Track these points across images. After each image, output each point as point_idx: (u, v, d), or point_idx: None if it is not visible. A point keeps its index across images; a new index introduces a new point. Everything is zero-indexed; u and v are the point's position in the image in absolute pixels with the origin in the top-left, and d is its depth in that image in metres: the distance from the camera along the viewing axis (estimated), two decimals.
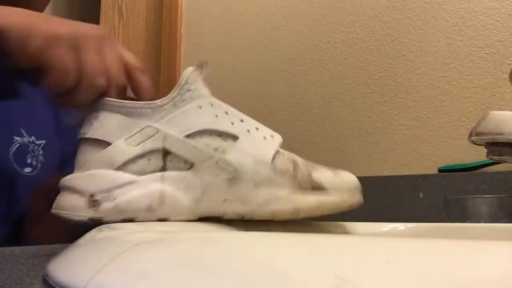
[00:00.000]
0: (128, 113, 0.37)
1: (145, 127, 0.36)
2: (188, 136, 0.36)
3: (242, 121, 0.39)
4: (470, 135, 0.47)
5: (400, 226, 0.42)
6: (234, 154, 0.36)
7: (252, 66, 1.23)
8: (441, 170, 0.97)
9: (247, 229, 0.37)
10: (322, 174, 0.39)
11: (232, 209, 0.37)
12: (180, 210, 0.36)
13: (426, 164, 1.00)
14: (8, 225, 0.58)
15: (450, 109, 1.00)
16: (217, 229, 0.37)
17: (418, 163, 1.01)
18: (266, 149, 0.38)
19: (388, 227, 0.42)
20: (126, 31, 1.49)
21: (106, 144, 0.36)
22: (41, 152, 0.65)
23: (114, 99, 0.38)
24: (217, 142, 0.36)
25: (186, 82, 0.39)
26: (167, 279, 0.17)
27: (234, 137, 0.37)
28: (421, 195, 0.95)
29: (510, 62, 0.96)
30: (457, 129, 0.99)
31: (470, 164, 0.93)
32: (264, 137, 0.39)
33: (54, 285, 0.21)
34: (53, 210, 0.36)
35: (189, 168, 0.36)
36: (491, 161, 0.67)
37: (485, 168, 0.91)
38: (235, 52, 1.25)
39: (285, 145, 0.42)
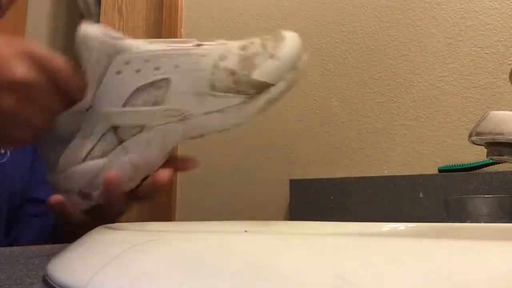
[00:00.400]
0: (69, 117, 0.38)
1: (87, 116, 0.37)
2: (124, 105, 0.37)
3: (165, 57, 0.37)
4: (470, 135, 0.47)
5: (400, 226, 0.42)
6: (172, 98, 0.37)
7: None
8: (441, 170, 0.97)
9: (247, 229, 0.37)
10: (263, 71, 0.38)
11: (194, 136, 0.39)
12: (155, 162, 0.39)
13: (426, 164, 1.00)
14: None
15: (450, 109, 1.00)
16: (217, 229, 0.38)
17: (418, 163, 1.01)
18: (198, 76, 0.37)
19: (388, 227, 0.42)
20: (126, 31, 1.49)
21: (66, 144, 0.38)
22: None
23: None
24: (152, 94, 0.37)
25: (89, 55, 0.37)
26: (166, 279, 0.17)
27: (166, 81, 0.37)
28: (421, 195, 0.95)
29: (510, 62, 0.96)
30: (457, 129, 0.99)
31: (470, 164, 0.93)
32: (196, 62, 0.38)
33: (54, 285, 0.21)
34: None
35: (141, 130, 0.38)
36: (491, 161, 0.67)
37: (485, 168, 0.91)
38: None
39: (285, 145, 0.42)
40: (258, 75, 0.38)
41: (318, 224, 0.43)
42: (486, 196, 0.59)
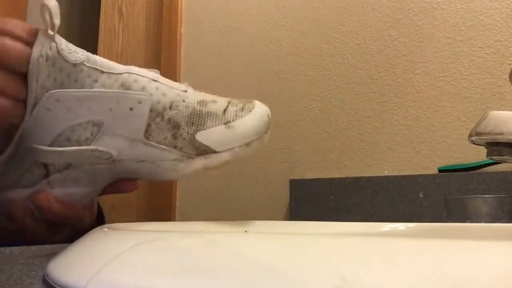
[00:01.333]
0: None
1: (18, 141, 0.35)
2: (52, 142, 0.35)
3: (98, 101, 0.34)
4: (470, 135, 0.47)
5: (400, 226, 0.42)
6: (104, 139, 0.35)
7: (252, 66, 1.23)
8: (441, 170, 0.97)
9: (247, 229, 0.37)
10: (209, 135, 0.35)
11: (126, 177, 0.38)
12: (81, 198, 0.37)
13: (426, 164, 1.00)
14: None
15: (450, 109, 1.00)
16: (217, 229, 0.38)
17: (418, 163, 1.01)
18: (135, 124, 0.35)
19: (388, 227, 0.42)
20: (126, 31, 1.49)
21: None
22: None
23: None
24: (84, 133, 0.35)
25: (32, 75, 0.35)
26: (166, 279, 0.17)
27: (99, 123, 0.35)
28: (421, 195, 0.95)
29: (510, 62, 0.96)
30: (457, 129, 0.99)
31: (470, 164, 0.93)
32: (131, 108, 0.35)
33: (54, 285, 0.21)
34: None
35: (68, 167, 0.36)
36: (491, 161, 0.67)
37: (485, 168, 0.91)
38: (235, 52, 1.25)
39: (285, 146, 0.41)
40: (202, 137, 0.36)
41: (318, 224, 0.43)
42: (486, 196, 0.59)
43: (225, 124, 0.36)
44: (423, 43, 1.04)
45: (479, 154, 0.92)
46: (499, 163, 0.80)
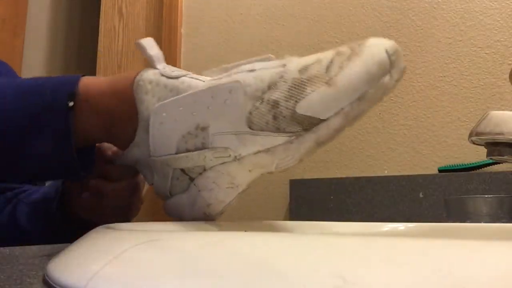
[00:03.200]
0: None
1: (150, 162, 0.39)
2: (176, 151, 0.37)
3: (196, 102, 0.35)
4: (470, 135, 0.47)
5: (400, 226, 0.42)
6: (216, 139, 0.35)
7: None
8: (441, 170, 0.97)
9: (247, 229, 0.37)
10: (309, 102, 0.30)
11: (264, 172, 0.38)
12: (226, 199, 0.39)
13: (426, 164, 1.00)
14: None
15: (450, 109, 1.00)
16: (217, 229, 0.38)
17: (418, 163, 1.01)
18: (234, 115, 0.33)
19: (388, 227, 0.42)
20: (126, 31, 1.49)
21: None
22: None
23: None
24: (198, 138, 0.36)
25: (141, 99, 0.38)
26: (166, 279, 0.17)
27: (205, 126, 0.35)
28: (421, 195, 0.95)
29: (510, 62, 0.96)
30: (457, 129, 0.99)
31: (470, 164, 0.93)
32: (225, 100, 0.34)
33: (54, 285, 0.21)
34: None
35: (205, 169, 0.37)
36: (491, 161, 0.67)
37: (485, 168, 0.91)
38: (235, 52, 1.25)
39: None
40: (302, 108, 0.30)
41: (318, 224, 0.43)
42: (486, 196, 0.59)
43: (326, 82, 0.30)
44: (423, 43, 1.04)
45: (479, 154, 0.92)
46: (499, 163, 0.80)
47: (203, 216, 0.39)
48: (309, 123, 0.31)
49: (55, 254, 0.26)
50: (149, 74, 0.38)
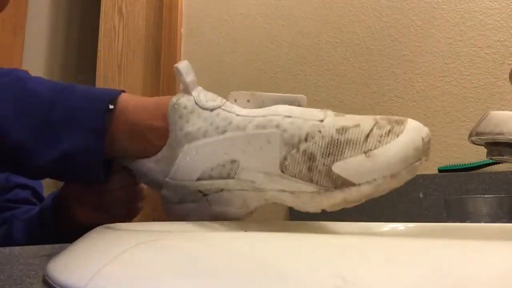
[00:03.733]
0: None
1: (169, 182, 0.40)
2: (199, 178, 0.38)
3: (233, 145, 0.37)
4: (470, 135, 0.47)
5: (400, 226, 0.42)
6: (244, 173, 0.37)
7: (252, 66, 1.23)
8: (441, 170, 0.97)
9: (247, 229, 0.37)
10: (347, 166, 0.32)
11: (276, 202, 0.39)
12: (234, 217, 0.40)
13: (426, 164, 1.00)
14: None
15: (450, 109, 1.00)
16: (217, 229, 0.38)
17: None
18: (269, 159, 0.35)
19: (388, 227, 0.42)
20: (126, 31, 1.49)
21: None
22: None
23: None
24: (225, 169, 0.37)
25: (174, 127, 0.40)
26: (166, 279, 0.17)
27: (236, 161, 0.37)
28: (421, 195, 0.95)
29: (510, 62, 0.96)
30: (457, 129, 0.99)
31: (470, 164, 0.93)
32: (261, 147, 0.35)
33: (54, 285, 0.21)
34: None
35: (222, 190, 0.38)
36: (491, 161, 0.67)
37: (485, 168, 0.91)
38: (235, 52, 1.25)
39: None
40: (339, 168, 0.32)
41: (318, 224, 0.43)
42: (486, 196, 0.59)
43: (365, 152, 0.32)
44: (423, 43, 1.04)
45: (479, 154, 0.92)
46: (499, 163, 0.80)
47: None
48: (341, 183, 0.33)
49: (55, 254, 0.26)
50: (184, 100, 0.40)
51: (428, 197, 0.94)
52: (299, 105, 0.38)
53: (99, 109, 0.41)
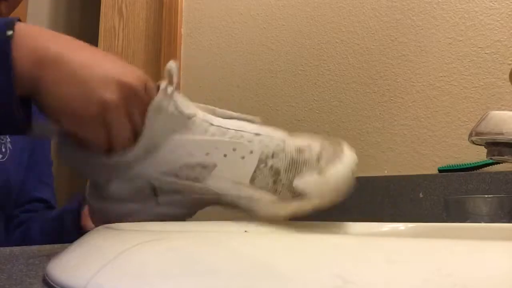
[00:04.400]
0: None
1: (132, 164, 0.39)
2: (167, 173, 0.39)
3: (216, 148, 0.39)
4: (470, 135, 0.47)
5: (400, 226, 0.42)
6: (213, 180, 0.39)
7: (252, 66, 1.23)
8: (441, 170, 0.97)
9: (247, 229, 0.37)
10: (305, 181, 0.39)
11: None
12: (179, 218, 0.41)
13: (426, 164, 1.00)
14: None
15: (450, 109, 1.00)
16: (217, 229, 0.38)
17: (418, 163, 1.01)
18: (244, 170, 0.39)
19: (388, 227, 0.42)
20: (126, 31, 1.49)
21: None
22: (9, 139, 0.67)
23: None
24: (196, 172, 0.39)
25: (155, 120, 0.39)
26: (166, 279, 0.17)
27: (213, 165, 0.39)
28: (421, 195, 0.95)
29: (510, 62, 0.96)
30: (457, 129, 0.99)
31: (470, 164, 0.93)
32: (243, 157, 0.39)
33: (54, 285, 0.21)
34: None
35: (176, 193, 0.40)
36: (491, 161, 0.67)
37: (485, 168, 0.91)
38: (235, 52, 1.25)
39: None
40: (299, 183, 0.38)
41: (318, 224, 0.43)
42: (486, 196, 0.59)
43: (319, 172, 0.38)
44: (423, 43, 1.04)
45: (479, 154, 0.92)
46: (499, 163, 0.80)
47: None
48: (298, 194, 0.39)
49: (55, 254, 0.26)
50: (165, 101, 0.39)
51: (428, 197, 0.94)
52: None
53: None
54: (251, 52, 1.24)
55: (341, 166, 0.39)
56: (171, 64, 0.41)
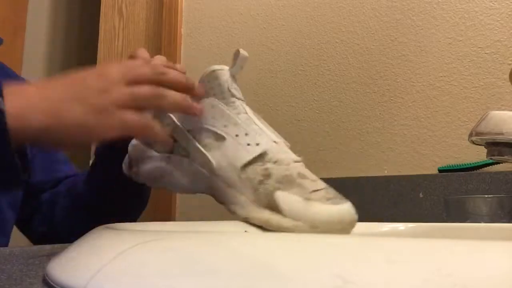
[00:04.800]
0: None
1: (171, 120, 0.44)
2: (189, 131, 0.42)
3: (236, 124, 0.41)
4: (470, 135, 0.47)
5: (400, 226, 0.42)
6: (216, 153, 0.40)
7: (252, 66, 1.23)
8: (441, 170, 0.97)
9: (247, 229, 0.37)
10: (287, 198, 0.37)
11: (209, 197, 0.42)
12: (176, 186, 0.43)
13: (426, 164, 1.00)
14: None
15: (450, 109, 1.00)
16: (217, 229, 0.38)
17: (418, 163, 1.01)
18: (242, 156, 0.39)
19: (388, 227, 0.42)
20: (126, 31, 1.49)
21: None
22: None
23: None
24: (208, 139, 0.41)
25: (207, 80, 0.44)
26: (166, 278, 0.17)
27: (223, 138, 0.40)
28: (421, 195, 0.95)
29: (510, 62, 0.96)
30: (457, 129, 0.99)
31: (470, 164, 0.93)
32: (248, 144, 0.40)
33: (54, 285, 0.21)
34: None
35: (187, 156, 0.42)
36: (491, 161, 0.67)
37: (485, 168, 0.91)
38: None
39: None
40: (280, 195, 0.38)
41: None
42: (486, 196, 0.59)
43: (307, 199, 0.37)
44: (423, 43, 1.04)
45: (479, 154, 0.92)
46: (499, 163, 0.80)
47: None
48: (273, 207, 0.38)
49: (55, 254, 0.26)
50: (224, 75, 0.46)
51: (428, 197, 0.94)
52: None
53: None
54: (251, 52, 1.24)
55: (332, 207, 0.37)
56: (243, 52, 0.46)
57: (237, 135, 0.40)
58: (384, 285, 0.14)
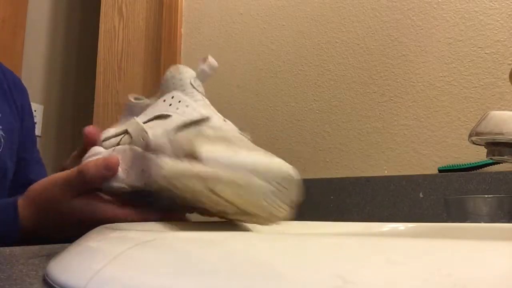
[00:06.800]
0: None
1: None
2: (145, 122, 0.41)
3: (188, 106, 0.40)
4: (470, 135, 0.47)
5: (400, 226, 0.42)
6: (157, 129, 0.39)
7: (252, 66, 1.23)
8: (441, 170, 0.97)
9: (247, 230, 0.37)
10: (211, 147, 0.32)
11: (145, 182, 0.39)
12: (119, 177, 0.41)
13: (426, 164, 1.00)
14: None
15: (450, 109, 1.00)
16: (217, 229, 0.38)
17: (418, 163, 1.01)
18: (179, 120, 0.39)
19: (388, 227, 0.42)
20: (126, 31, 1.49)
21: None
22: (0, 126, 0.66)
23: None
24: (155, 121, 0.40)
25: (171, 76, 0.44)
26: (166, 279, 0.17)
27: (169, 116, 0.40)
28: (421, 195, 0.95)
29: (510, 62, 0.96)
30: (457, 129, 0.99)
31: (470, 164, 0.93)
32: (184, 112, 0.40)
33: (54, 285, 0.21)
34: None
35: (130, 142, 0.41)
36: (491, 161, 0.67)
37: (485, 168, 0.91)
38: (235, 52, 1.25)
39: (285, 146, 0.42)
40: (201, 144, 0.34)
41: (318, 224, 0.43)
42: (486, 196, 0.59)
43: (233, 151, 0.32)
44: (423, 43, 1.04)
45: (479, 154, 0.92)
46: (499, 163, 0.80)
47: None
48: (194, 155, 0.34)
49: (55, 254, 0.26)
50: (187, 78, 0.46)
51: (428, 197, 0.94)
52: None
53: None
54: (251, 52, 1.24)
55: (263, 158, 0.32)
56: (211, 59, 0.47)
57: (184, 112, 0.39)
58: (384, 285, 0.14)
